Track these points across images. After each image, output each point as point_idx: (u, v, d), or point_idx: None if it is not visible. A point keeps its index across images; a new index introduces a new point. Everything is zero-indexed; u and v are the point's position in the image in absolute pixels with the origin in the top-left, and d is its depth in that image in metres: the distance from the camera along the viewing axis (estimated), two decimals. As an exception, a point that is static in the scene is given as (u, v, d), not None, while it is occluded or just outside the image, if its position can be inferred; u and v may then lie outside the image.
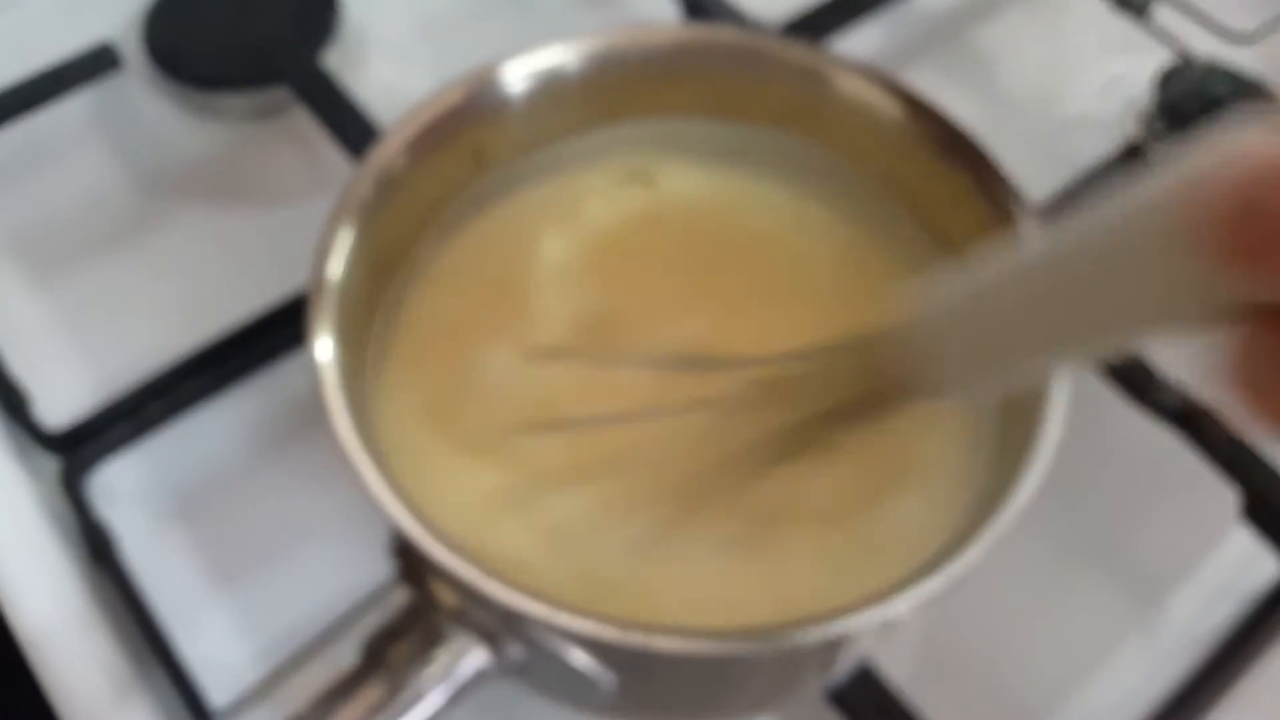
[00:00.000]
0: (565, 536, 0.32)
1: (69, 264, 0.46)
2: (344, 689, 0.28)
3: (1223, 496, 0.39)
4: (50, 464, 0.40)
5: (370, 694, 0.28)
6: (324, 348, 0.29)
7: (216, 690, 0.35)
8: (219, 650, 0.37)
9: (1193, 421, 0.40)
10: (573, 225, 0.37)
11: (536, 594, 0.26)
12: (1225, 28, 0.50)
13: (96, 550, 0.38)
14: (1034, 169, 0.35)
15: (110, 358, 0.43)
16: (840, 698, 0.34)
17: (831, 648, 0.31)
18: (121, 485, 0.40)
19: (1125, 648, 0.38)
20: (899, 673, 0.35)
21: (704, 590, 0.31)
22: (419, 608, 0.28)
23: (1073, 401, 0.29)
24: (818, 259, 0.36)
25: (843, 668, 0.34)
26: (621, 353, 0.33)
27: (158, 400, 0.40)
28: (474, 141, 0.35)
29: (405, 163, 0.33)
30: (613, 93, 0.36)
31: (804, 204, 0.37)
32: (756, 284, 0.35)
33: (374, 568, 0.30)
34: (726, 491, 0.31)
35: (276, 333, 0.42)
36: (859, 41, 0.52)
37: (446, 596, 0.28)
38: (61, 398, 0.41)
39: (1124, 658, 0.38)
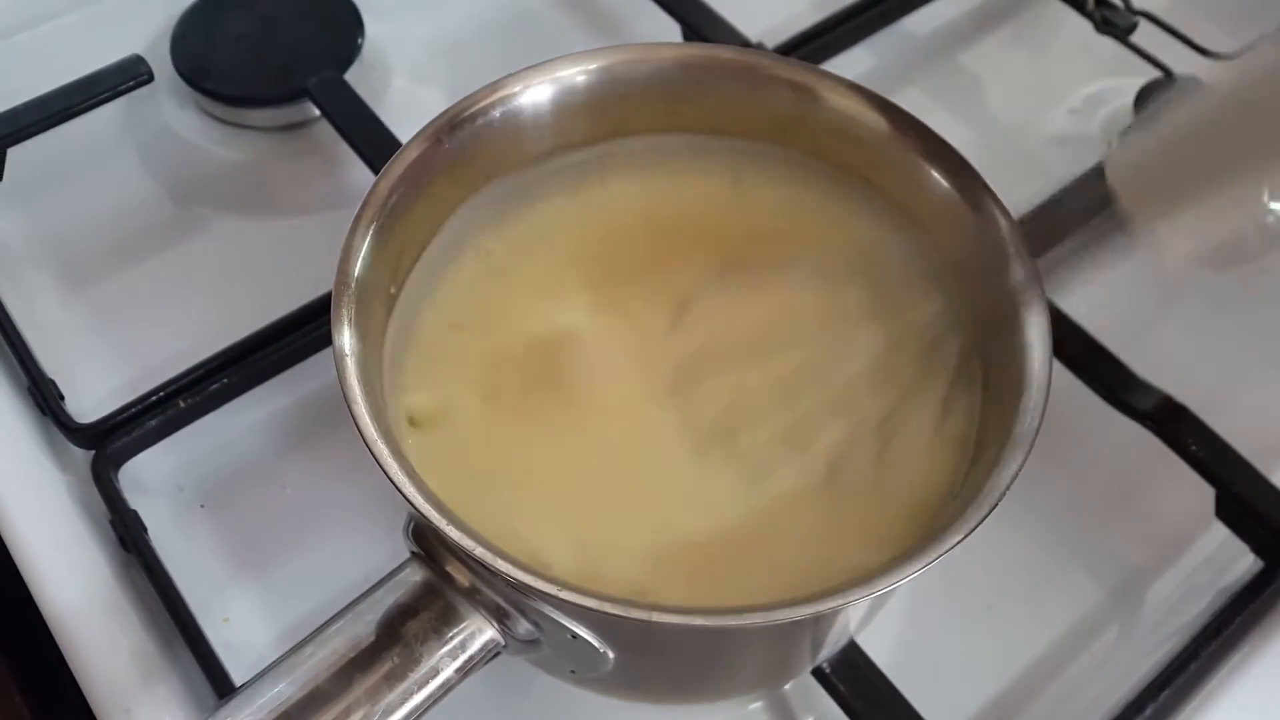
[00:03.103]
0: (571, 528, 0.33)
1: (100, 268, 0.48)
2: (362, 662, 0.29)
3: (1202, 491, 0.41)
4: (81, 457, 0.42)
5: (386, 668, 0.29)
6: (346, 341, 0.31)
7: (240, 672, 0.37)
8: (242, 634, 0.39)
9: (1168, 422, 0.41)
10: (580, 228, 0.38)
11: (545, 572, 0.28)
12: (1207, 49, 0.51)
13: (126, 539, 0.39)
14: (1018, 183, 0.37)
15: (139, 357, 0.45)
16: (825, 677, 0.36)
17: (821, 626, 0.32)
18: (149, 477, 0.42)
19: (1104, 638, 0.40)
20: (883, 658, 0.36)
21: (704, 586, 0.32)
22: (433, 586, 0.30)
23: (1053, 392, 0.31)
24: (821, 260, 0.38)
25: (830, 648, 0.35)
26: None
27: (184, 397, 0.42)
28: (487, 151, 0.37)
29: (423, 172, 0.35)
30: (618, 107, 0.38)
31: (802, 213, 0.39)
32: (757, 276, 0.37)
33: (389, 557, 0.31)
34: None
35: (298, 335, 0.44)
36: (850, 65, 0.53)
37: (460, 575, 0.30)
38: (92, 395, 0.43)
39: (1102, 648, 0.40)
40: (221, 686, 0.36)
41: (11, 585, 0.39)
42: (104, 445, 0.41)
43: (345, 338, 0.31)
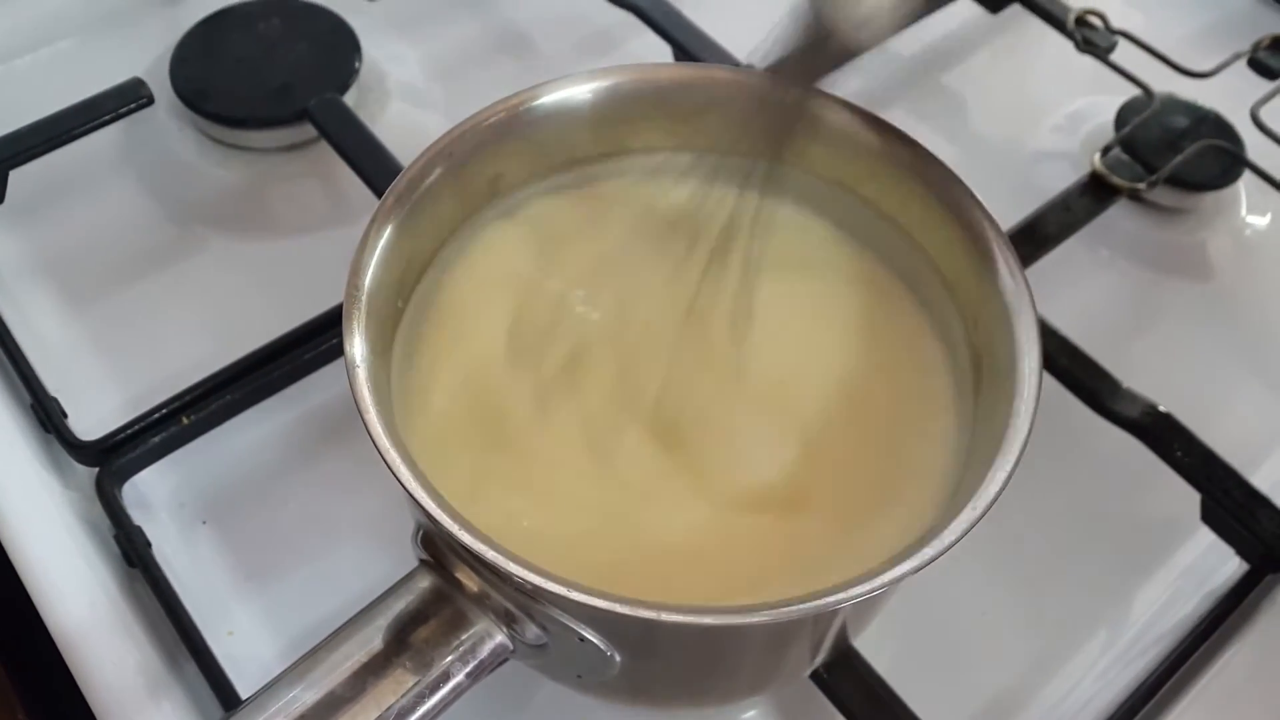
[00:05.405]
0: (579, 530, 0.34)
1: (101, 287, 0.48)
2: (374, 667, 0.29)
3: (1188, 496, 0.42)
4: (85, 474, 0.42)
5: (399, 673, 0.29)
6: (358, 351, 0.31)
7: (245, 685, 0.37)
8: (247, 647, 0.39)
9: (1153, 429, 0.42)
10: (580, 242, 0.39)
11: (553, 574, 0.28)
12: (1184, 67, 0.53)
13: (131, 555, 0.40)
14: (1003, 198, 0.38)
15: (140, 376, 0.45)
16: (824, 681, 0.36)
17: (820, 626, 0.33)
18: (152, 494, 0.42)
19: (1094, 641, 0.41)
20: (879, 661, 0.37)
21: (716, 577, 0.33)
22: (443, 592, 0.30)
23: (1042, 402, 0.31)
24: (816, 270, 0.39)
25: (828, 652, 0.36)
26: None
27: (188, 414, 0.42)
28: (490, 169, 0.37)
29: (428, 189, 0.35)
30: (618, 125, 0.39)
31: (796, 226, 0.40)
32: (752, 288, 0.38)
33: (391, 569, 0.32)
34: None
35: (299, 352, 0.44)
36: (836, 86, 0.54)
37: (469, 581, 0.30)
38: (95, 412, 0.43)
39: (1094, 650, 0.40)
40: (227, 699, 0.37)
41: (16, 601, 0.39)
42: (107, 462, 0.41)
43: (356, 348, 0.31)
